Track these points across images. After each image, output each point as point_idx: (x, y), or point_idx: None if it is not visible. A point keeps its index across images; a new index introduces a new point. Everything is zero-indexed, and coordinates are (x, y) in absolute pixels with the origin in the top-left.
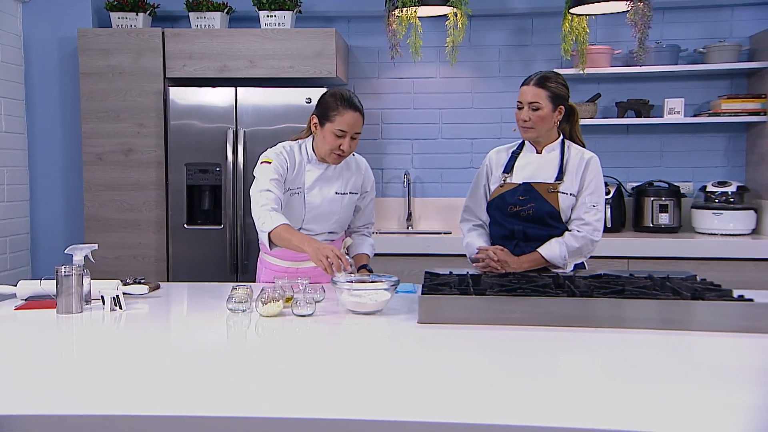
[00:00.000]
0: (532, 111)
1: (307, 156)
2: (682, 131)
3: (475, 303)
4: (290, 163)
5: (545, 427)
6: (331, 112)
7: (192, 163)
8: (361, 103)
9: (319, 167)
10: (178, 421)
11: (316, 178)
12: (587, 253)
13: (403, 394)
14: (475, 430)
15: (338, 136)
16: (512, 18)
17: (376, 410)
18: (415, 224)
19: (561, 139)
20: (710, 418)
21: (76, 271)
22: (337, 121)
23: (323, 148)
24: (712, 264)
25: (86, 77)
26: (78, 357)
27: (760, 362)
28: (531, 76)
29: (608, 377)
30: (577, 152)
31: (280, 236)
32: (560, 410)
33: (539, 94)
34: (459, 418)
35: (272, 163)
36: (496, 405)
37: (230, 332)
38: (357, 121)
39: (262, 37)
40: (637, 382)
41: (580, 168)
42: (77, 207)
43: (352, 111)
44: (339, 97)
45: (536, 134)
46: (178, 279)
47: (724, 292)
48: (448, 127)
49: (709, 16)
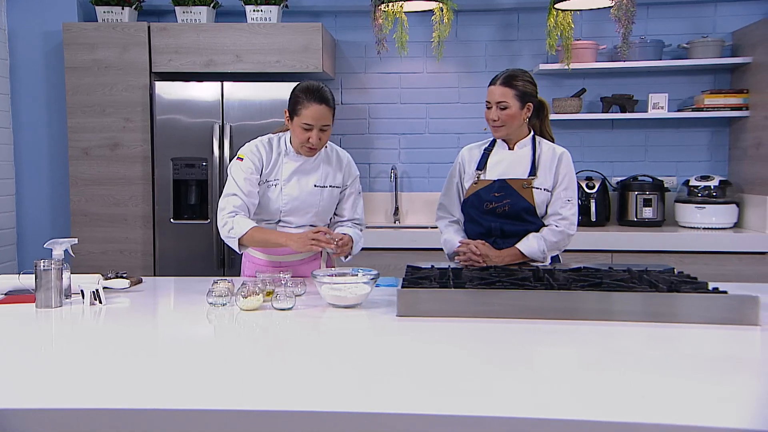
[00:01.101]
0: (500, 110)
1: (285, 148)
2: (666, 126)
3: (453, 296)
4: (267, 156)
5: (522, 418)
6: (298, 105)
7: (178, 158)
8: (330, 96)
9: (296, 159)
10: (152, 414)
11: (293, 170)
12: (563, 247)
13: (381, 387)
14: (452, 421)
15: (305, 129)
16: (498, 13)
17: (353, 402)
18: (402, 218)
19: (532, 135)
20: (684, 407)
21: (55, 265)
22: (303, 115)
23: (294, 142)
24: (694, 257)
25: (72, 71)
26: (55, 351)
27: (735, 352)
28: (498, 75)
29: (586, 368)
30: (548, 148)
31: (253, 239)
32: (537, 400)
33: (506, 93)
34: (437, 410)
35: (244, 160)
36: (475, 396)
37: (209, 326)
38: (323, 114)
39: (249, 31)
40: (614, 373)
41: (552, 163)
42: (63, 202)
43: (317, 104)
44: (305, 90)
45: (506, 132)
46: (164, 273)
47: (700, 284)
48: (435, 122)
49: (693, 11)
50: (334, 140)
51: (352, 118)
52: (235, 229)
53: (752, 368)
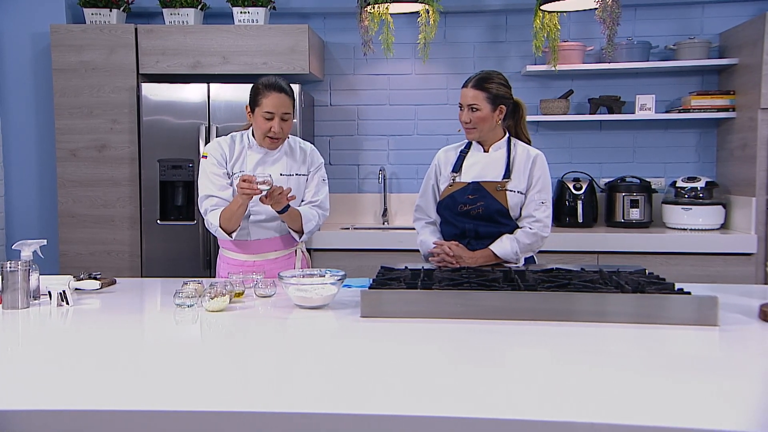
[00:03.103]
0: (471, 112)
1: (248, 142)
2: (653, 127)
3: (416, 297)
4: (230, 150)
5: (468, 418)
6: (258, 96)
7: (165, 159)
8: (289, 87)
9: (259, 151)
10: (105, 416)
11: (257, 161)
12: (537, 248)
13: (341, 387)
14: (407, 421)
15: (267, 119)
16: (486, 15)
17: (308, 403)
18: (391, 220)
19: (507, 137)
20: (645, 405)
21: (21, 266)
22: (263, 104)
23: (257, 134)
24: (681, 258)
25: (59, 73)
26: (16, 352)
27: (699, 352)
28: (470, 78)
29: (544, 368)
30: (523, 150)
31: (226, 218)
32: (493, 399)
33: (477, 96)
34: (390, 410)
35: (208, 157)
36: (426, 396)
37: (173, 327)
38: (282, 102)
39: (236, 33)
40: (573, 372)
41: (527, 166)
42: (51, 203)
43: (277, 92)
44: (264, 82)
45: (478, 135)
46: (151, 275)
47: (666, 285)
48: (424, 123)
49: (680, 13)
50: (323, 141)
51: (340, 120)
52: (213, 223)
53: (707, 367)
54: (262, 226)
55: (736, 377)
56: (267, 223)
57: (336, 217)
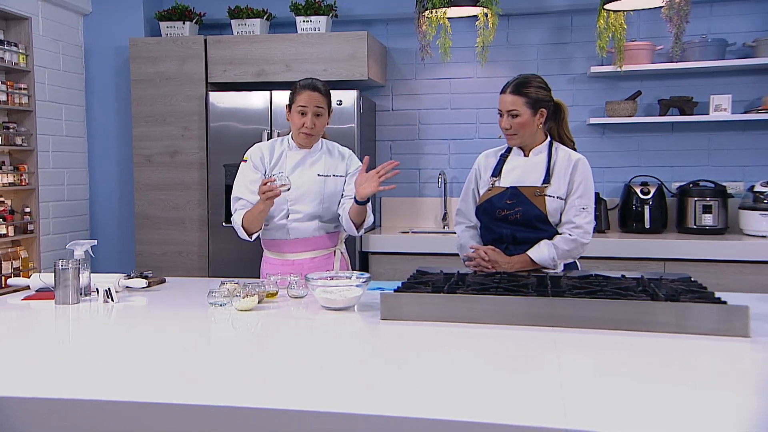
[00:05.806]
0: (511, 118)
1: (288, 145)
2: (730, 129)
3: (433, 300)
4: (269, 153)
5: (478, 423)
6: (293, 95)
7: (230, 164)
8: (323, 85)
9: (299, 152)
10: (127, 407)
11: (296, 161)
12: (576, 255)
13: (356, 388)
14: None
15: (301, 114)
16: (550, 16)
17: (308, 402)
18: (451, 224)
19: (548, 141)
20: (675, 418)
21: (72, 264)
22: (297, 100)
23: (293, 130)
24: (756, 267)
25: (137, 83)
26: (65, 344)
27: (723, 365)
28: (508, 83)
29: (559, 376)
30: (564, 154)
31: (248, 220)
32: (503, 404)
33: (516, 101)
34: (395, 411)
35: (247, 162)
36: (432, 398)
37: (204, 325)
38: (314, 97)
39: (298, 41)
40: (589, 380)
41: (567, 170)
42: (129, 206)
43: (309, 90)
44: (300, 82)
45: (520, 140)
46: (217, 275)
47: (705, 294)
48: (485, 126)
49: (760, 7)
50: (384, 146)
51: (402, 124)
52: (237, 222)
53: (737, 380)
54: (301, 226)
55: (756, 391)
56: (306, 222)
57: (396, 220)
